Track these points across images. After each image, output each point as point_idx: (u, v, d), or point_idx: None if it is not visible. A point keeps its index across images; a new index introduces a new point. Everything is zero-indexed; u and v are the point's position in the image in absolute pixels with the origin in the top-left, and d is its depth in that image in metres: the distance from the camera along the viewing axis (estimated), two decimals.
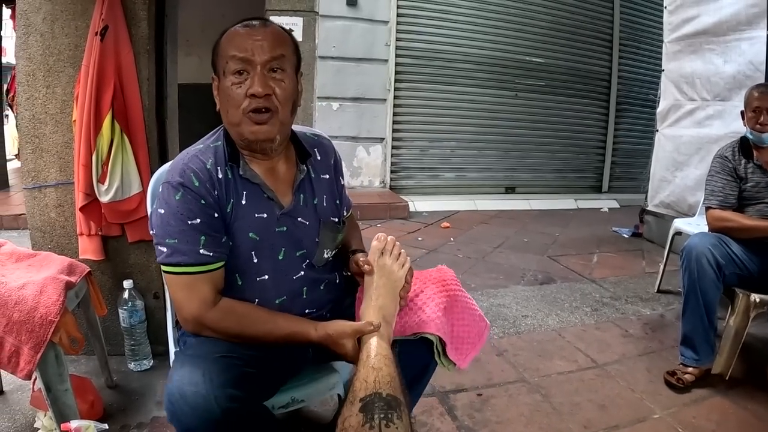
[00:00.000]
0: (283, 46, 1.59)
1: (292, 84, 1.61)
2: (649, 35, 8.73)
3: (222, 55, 1.58)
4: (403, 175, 8.06)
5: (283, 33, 1.63)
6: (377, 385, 1.28)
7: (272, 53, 1.55)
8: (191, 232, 1.51)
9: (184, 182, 1.53)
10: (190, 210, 1.51)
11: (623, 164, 9.06)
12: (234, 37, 1.58)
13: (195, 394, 1.30)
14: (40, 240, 2.81)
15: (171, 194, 1.53)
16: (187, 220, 1.51)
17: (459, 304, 1.78)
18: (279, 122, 1.59)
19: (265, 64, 1.54)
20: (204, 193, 1.54)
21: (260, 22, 1.61)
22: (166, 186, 1.55)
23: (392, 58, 7.57)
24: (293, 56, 1.64)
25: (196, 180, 1.53)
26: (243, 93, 1.54)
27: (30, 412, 2.37)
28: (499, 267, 4.83)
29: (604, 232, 6.33)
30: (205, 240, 1.52)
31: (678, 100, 5.25)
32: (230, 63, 1.55)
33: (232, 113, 1.57)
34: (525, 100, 8.29)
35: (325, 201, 1.78)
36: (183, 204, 1.52)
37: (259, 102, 1.53)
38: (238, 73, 1.55)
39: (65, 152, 2.72)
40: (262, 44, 1.54)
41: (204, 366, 1.36)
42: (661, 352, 3.14)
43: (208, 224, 1.54)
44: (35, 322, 1.90)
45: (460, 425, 2.43)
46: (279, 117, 1.58)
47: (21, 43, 2.64)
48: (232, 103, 1.56)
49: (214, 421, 1.30)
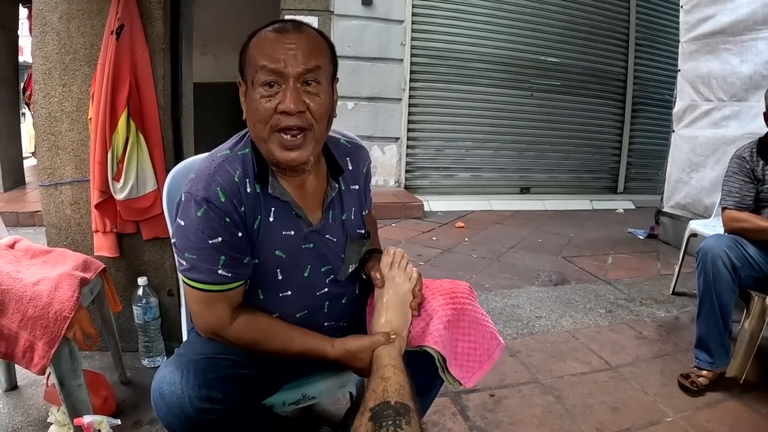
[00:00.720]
0: (320, 55, 1.46)
1: (328, 98, 1.48)
2: (665, 35, 8.66)
3: (251, 63, 1.45)
4: (418, 174, 8.05)
5: (319, 39, 1.49)
6: (386, 394, 1.29)
7: (307, 65, 1.42)
8: (210, 251, 1.44)
9: (209, 197, 1.42)
10: (211, 228, 1.43)
11: (639, 165, 8.99)
12: (264, 43, 1.44)
13: (171, 393, 1.33)
14: (55, 237, 2.84)
15: (193, 209, 1.43)
16: (207, 239, 1.43)
17: (466, 319, 1.68)
18: (313, 141, 1.48)
19: (298, 77, 1.41)
20: (230, 209, 1.44)
21: (294, 26, 1.46)
22: (188, 198, 1.44)
23: (407, 57, 7.56)
24: (330, 66, 1.51)
25: (223, 195, 1.43)
26: (272, 107, 1.41)
27: (43, 406, 2.39)
28: (514, 267, 4.81)
29: (619, 234, 6.29)
30: (225, 260, 1.45)
31: (694, 100, 5.21)
32: (260, 73, 1.41)
33: (260, 128, 1.45)
34: (540, 100, 8.26)
35: (353, 214, 1.71)
36: (204, 221, 1.42)
37: (290, 120, 1.42)
38: (268, 85, 1.41)
39: (81, 150, 2.74)
40: (295, 54, 1.41)
41: (185, 366, 1.38)
42: (675, 355, 3.12)
43: (230, 244, 1.45)
44: (50, 317, 1.92)
45: (472, 426, 2.42)
46: (314, 135, 1.47)
47: (37, 42, 2.67)
48: (260, 117, 1.43)
49: (188, 421, 1.33)
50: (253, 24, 1.52)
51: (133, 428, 2.31)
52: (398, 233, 6.03)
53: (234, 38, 7.64)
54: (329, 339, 1.58)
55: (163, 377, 1.37)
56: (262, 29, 1.48)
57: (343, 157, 1.70)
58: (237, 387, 1.43)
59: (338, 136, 1.74)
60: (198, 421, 1.33)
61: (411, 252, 5.16)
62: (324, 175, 1.65)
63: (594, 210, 7.87)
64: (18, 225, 5.75)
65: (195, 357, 1.43)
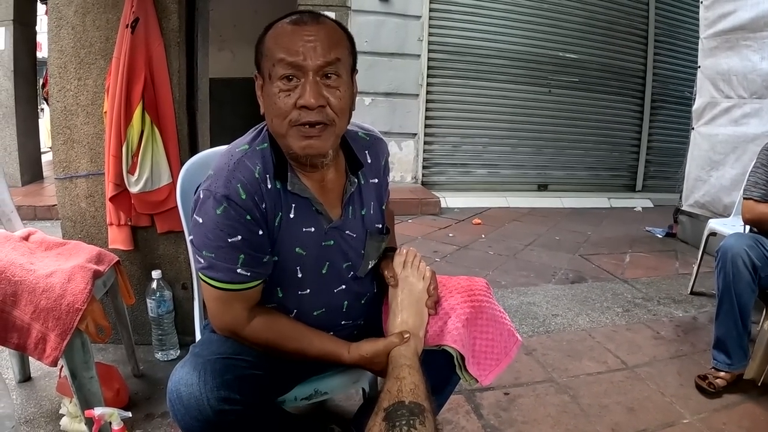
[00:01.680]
0: (339, 47, 1.42)
1: (348, 91, 1.45)
2: (684, 31, 8.57)
3: (268, 56, 1.41)
4: (435, 170, 8.03)
5: (338, 31, 1.46)
6: (400, 394, 1.27)
7: (326, 57, 1.38)
8: (230, 250, 1.42)
9: (230, 195, 1.39)
10: (231, 226, 1.40)
11: (658, 163, 8.91)
12: (282, 35, 1.40)
13: (189, 395, 1.33)
14: (70, 229, 2.85)
15: (212, 206, 1.40)
16: (227, 237, 1.40)
17: (484, 316, 1.65)
18: (334, 135, 1.46)
19: (318, 70, 1.38)
20: (251, 206, 1.42)
21: (312, 18, 1.42)
22: (207, 195, 1.42)
23: (425, 53, 7.53)
24: (349, 58, 1.47)
25: (244, 192, 1.41)
26: (292, 102, 1.38)
27: (56, 398, 2.41)
28: (530, 265, 4.79)
29: (638, 232, 6.24)
30: (244, 259, 1.43)
31: (714, 97, 5.14)
32: (277, 67, 1.38)
33: (278, 123, 1.42)
34: (558, 97, 8.20)
35: (372, 208, 1.69)
36: (224, 219, 1.40)
37: (310, 115, 1.38)
38: (286, 79, 1.38)
39: (96, 143, 2.75)
40: (314, 46, 1.37)
41: (202, 367, 1.36)
42: (693, 356, 3.08)
43: (249, 242, 1.43)
44: (62, 309, 1.92)
45: (486, 424, 2.40)
46: (334, 129, 1.45)
47: (53, 36, 2.68)
48: (279, 112, 1.40)
49: (207, 422, 1.32)
50: (270, 20, 1.49)
51: (145, 421, 2.32)
52: (415, 229, 6.02)
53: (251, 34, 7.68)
54: (345, 343, 1.56)
55: (180, 378, 1.36)
56: (279, 21, 1.45)
57: (362, 151, 1.67)
58: (253, 387, 1.42)
59: (356, 128, 1.70)
60: (215, 422, 1.32)
61: (427, 248, 5.18)
62: (343, 169, 1.62)
63: (612, 208, 7.81)
64: (35, 218, 5.81)
65: (212, 357, 1.42)
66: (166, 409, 1.81)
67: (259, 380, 1.45)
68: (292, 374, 1.65)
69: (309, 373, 1.71)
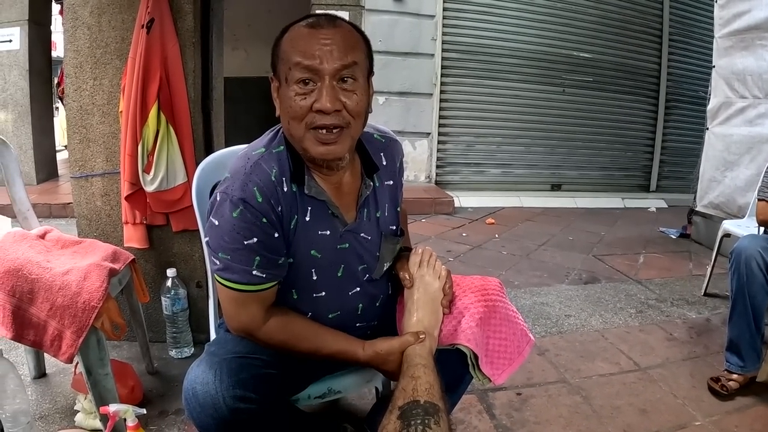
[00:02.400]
0: (356, 51, 1.42)
1: (364, 94, 1.44)
2: (699, 30, 8.51)
3: (284, 60, 1.41)
4: (449, 170, 8.04)
5: (354, 34, 1.45)
6: (415, 393, 1.27)
7: (343, 60, 1.37)
8: (245, 252, 1.42)
9: (246, 198, 1.39)
10: (247, 229, 1.41)
11: (672, 163, 8.86)
12: (298, 39, 1.40)
13: (205, 393, 1.34)
14: (86, 228, 2.88)
15: (228, 209, 1.40)
16: (243, 240, 1.41)
17: (498, 316, 1.65)
18: (350, 138, 1.45)
19: (334, 74, 1.37)
20: (267, 209, 1.42)
21: (328, 21, 1.41)
22: (224, 198, 1.42)
23: (438, 52, 7.55)
24: (366, 61, 1.46)
25: (260, 195, 1.41)
26: (308, 105, 1.38)
27: (71, 394, 2.43)
28: (544, 265, 4.78)
29: (651, 233, 6.21)
30: (259, 261, 1.43)
31: (729, 97, 5.11)
32: (294, 71, 1.38)
33: (294, 126, 1.42)
34: (572, 96, 8.19)
35: (386, 210, 1.68)
36: (240, 222, 1.40)
37: (326, 119, 1.38)
38: (303, 83, 1.37)
39: (112, 142, 2.77)
40: (331, 49, 1.36)
41: (218, 366, 1.38)
42: (706, 357, 3.06)
43: (265, 244, 1.43)
44: (78, 307, 1.94)
45: (498, 424, 2.40)
46: (350, 132, 1.44)
47: (69, 36, 2.70)
48: (295, 115, 1.39)
49: (222, 420, 1.33)
50: (284, 19, 1.48)
51: (159, 418, 2.33)
52: (428, 229, 6.03)
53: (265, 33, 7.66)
54: (360, 342, 1.56)
55: (196, 377, 1.37)
56: (295, 24, 1.44)
57: (378, 153, 1.67)
58: (268, 386, 1.42)
59: (371, 131, 1.69)
60: (231, 420, 1.33)
61: (441, 248, 5.17)
62: (358, 172, 1.62)
63: (626, 208, 7.77)
64: (51, 216, 5.87)
65: (227, 356, 1.43)
66: (180, 406, 1.82)
67: (274, 379, 1.46)
68: (306, 373, 1.66)
69: (323, 371, 1.72)
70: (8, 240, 2.16)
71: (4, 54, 6.93)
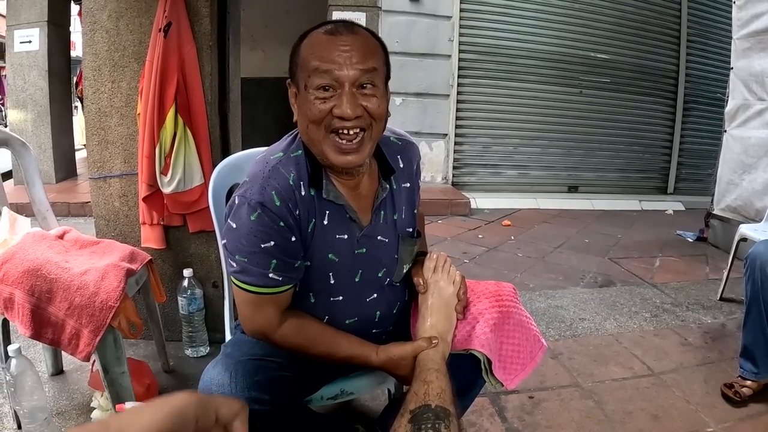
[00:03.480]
0: (374, 57, 1.42)
1: (384, 99, 1.45)
2: (717, 31, 8.39)
3: (303, 67, 1.41)
4: (466, 171, 8.01)
5: (372, 41, 1.46)
6: (427, 398, 1.28)
7: (363, 66, 1.38)
8: (262, 255, 1.43)
9: (264, 202, 1.41)
10: (264, 232, 1.42)
11: (690, 165, 8.76)
12: (317, 46, 1.40)
13: (220, 395, 1.35)
14: (104, 228, 2.91)
15: (246, 212, 1.41)
16: (260, 243, 1.42)
17: (511, 321, 1.66)
18: (370, 141, 1.46)
19: (354, 80, 1.38)
20: (285, 213, 1.43)
21: (346, 28, 1.42)
22: (242, 201, 1.43)
23: (455, 53, 7.52)
24: (384, 67, 1.47)
25: (278, 199, 1.42)
26: (327, 109, 1.39)
27: (87, 391, 2.47)
28: (559, 267, 4.76)
29: (668, 236, 6.15)
30: (276, 264, 1.44)
31: (747, 99, 5.05)
32: (313, 77, 1.38)
33: (313, 129, 1.42)
34: (589, 98, 8.13)
35: (404, 213, 1.69)
36: (258, 225, 1.41)
37: (347, 123, 1.39)
38: (323, 89, 1.38)
39: (129, 144, 2.80)
40: (350, 56, 1.37)
41: (233, 368, 1.39)
42: (720, 363, 3.04)
43: (282, 248, 1.45)
44: (96, 306, 1.98)
45: (510, 427, 2.41)
46: (371, 134, 1.45)
47: (87, 40, 2.74)
48: (314, 118, 1.40)
49: None
50: (301, 20, 1.50)
51: None
52: (444, 230, 6.02)
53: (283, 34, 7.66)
54: (374, 346, 1.57)
55: (212, 378, 1.39)
56: (313, 31, 1.45)
57: (394, 156, 1.68)
58: (282, 388, 1.44)
59: (388, 133, 1.68)
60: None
61: (457, 249, 5.17)
62: (376, 175, 1.63)
63: (643, 210, 7.70)
64: (69, 215, 5.94)
65: (243, 358, 1.44)
66: None
67: (289, 381, 1.48)
68: (320, 375, 1.67)
69: (336, 373, 1.73)
70: (28, 240, 2.19)
71: (23, 55, 7.02)
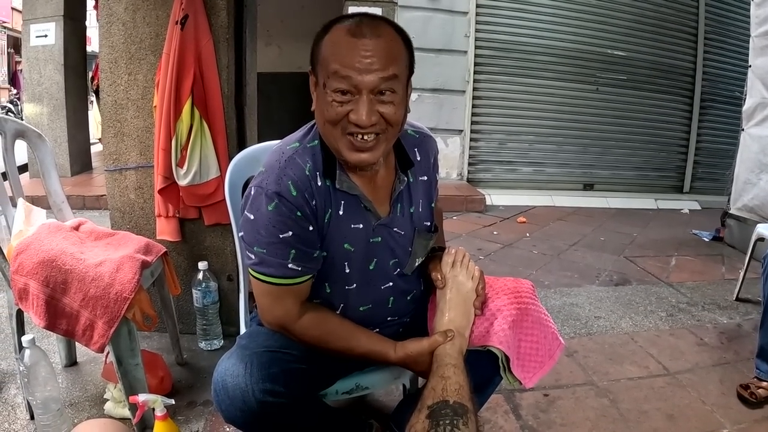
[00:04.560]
0: (396, 62, 1.40)
1: (402, 104, 1.44)
2: (735, 29, 8.31)
3: (323, 65, 1.39)
4: (481, 168, 7.99)
5: (397, 43, 1.43)
6: (445, 393, 1.28)
7: (383, 73, 1.36)
8: (280, 246, 1.43)
9: (281, 192, 1.41)
10: (282, 222, 1.42)
11: (706, 164, 8.67)
12: (338, 45, 1.37)
13: (234, 386, 1.36)
14: (119, 220, 2.92)
15: (264, 203, 1.42)
16: (278, 233, 1.42)
17: (530, 318, 1.65)
18: (385, 142, 1.45)
19: (373, 88, 1.36)
20: (301, 203, 1.43)
21: (371, 29, 1.38)
22: (258, 192, 1.44)
23: (471, 49, 7.49)
24: (407, 70, 1.46)
25: (294, 189, 1.42)
26: (344, 112, 1.37)
27: (101, 383, 2.47)
28: (574, 265, 4.74)
29: (684, 235, 6.10)
30: (295, 254, 1.44)
31: (765, 98, 4.99)
32: (332, 79, 1.36)
33: (329, 129, 1.42)
34: (606, 95, 8.07)
35: (421, 206, 1.68)
36: (275, 215, 1.41)
37: (361, 129, 1.38)
38: (340, 93, 1.36)
39: (145, 136, 2.81)
40: (371, 63, 1.34)
41: (248, 359, 1.39)
42: (736, 364, 3.00)
43: (300, 237, 1.44)
44: (110, 298, 1.98)
45: (524, 425, 2.40)
46: (386, 137, 1.44)
47: (104, 32, 2.74)
48: (330, 119, 1.39)
49: (251, 413, 1.36)
50: (317, 15, 1.49)
51: (187, 408, 2.36)
52: (460, 226, 6.00)
53: (298, 29, 7.67)
54: (392, 343, 1.57)
55: (226, 369, 1.39)
56: (337, 24, 1.42)
57: (412, 149, 1.67)
58: (297, 381, 1.44)
59: (406, 126, 1.65)
60: (259, 413, 1.36)
61: (472, 246, 5.17)
62: (393, 167, 1.62)
63: (659, 209, 7.65)
64: (84, 208, 5.96)
65: (259, 350, 1.44)
66: (209, 397, 1.84)
67: (304, 374, 1.47)
68: (335, 369, 1.67)
69: (352, 368, 1.73)
70: (43, 231, 2.20)
71: (39, 49, 7.05)
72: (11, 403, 2.36)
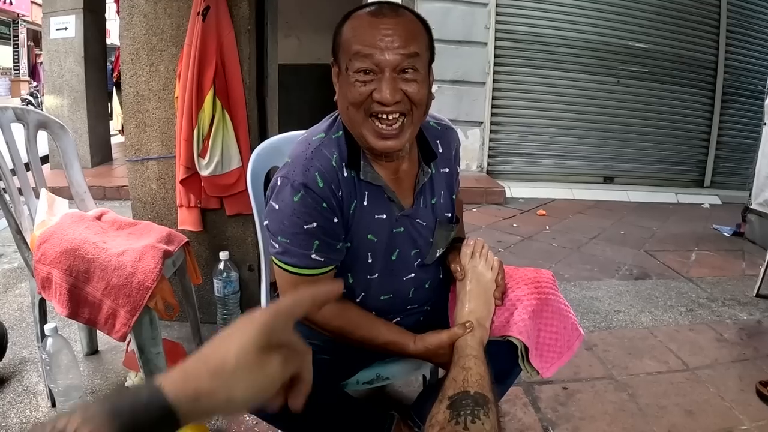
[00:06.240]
0: (417, 41, 1.39)
1: (425, 83, 1.43)
2: (758, 21, 8.25)
3: (345, 49, 1.40)
4: (501, 160, 7.95)
5: (416, 24, 1.43)
6: (465, 384, 1.27)
7: (405, 50, 1.35)
8: (305, 236, 1.43)
9: (308, 183, 1.41)
10: (307, 213, 1.42)
11: (728, 158, 8.58)
12: (359, 28, 1.38)
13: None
14: (141, 210, 2.94)
15: (290, 194, 1.42)
16: (303, 224, 1.42)
17: (549, 309, 1.63)
18: (411, 126, 1.44)
19: (395, 65, 1.35)
20: (328, 195, 1.43)
21: (390, 9, 1.39)
22: (285, 182, 1.44)
23: (491, 41, 7.45)
24: (427, 52, 1.45)
25: (321, 180, 1.42)
26: (368, 92, 1.37)
27: (122, 371, 2.50)
28: (594, 259, 4.72)
29: (704, 230, 6.04)
30: (318, 245, 1.45)
31: None
32: (354, 60, 1.37)
33: (353, 112, 1.41)
34: (627, 87, 8.00)
35: (442, 197, 1.68)
36: (301, 206, 1.41)
37: (385, 108, 1.38)
38: (363, 73, 1.36)
39: (167, 127, 2.82)
40: (392, 40, 1.34)
41: None
42: (756, 360, 2.98)
43: (325, 229, 1.45)
44: (132, 287, 1.99)
45: (543, 417, 2.39)
46: (411, 120, 1.43)
47: (125, 24, 2.76)
48: (354, 101, 1.39)
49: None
50: (336, 7, 1.49)
51: None
52: (479, 218, 5.99)
53: (317, 21, 7.65)
54: (411, 335, 1.57)
55: None
56: (357, 11, 1.43)
57: (434, 140, 1.66)
58: (319, 371, 1.41)
59: (427, 118, 1.65)
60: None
61: (491, 238, 5.15)
62: (416, 159, 1.62)
63: (679, 204, 7.59)
64: (105, 198, 6.00)
65: None
66: None
67: (326, 364, 1.47)
68: (357, 359, 1.68)
69: (373, 358, 1.73)
70: (66, 221, 2.22)
71: (60, 41, 7.13)
72: (33, 391, 2.39)
